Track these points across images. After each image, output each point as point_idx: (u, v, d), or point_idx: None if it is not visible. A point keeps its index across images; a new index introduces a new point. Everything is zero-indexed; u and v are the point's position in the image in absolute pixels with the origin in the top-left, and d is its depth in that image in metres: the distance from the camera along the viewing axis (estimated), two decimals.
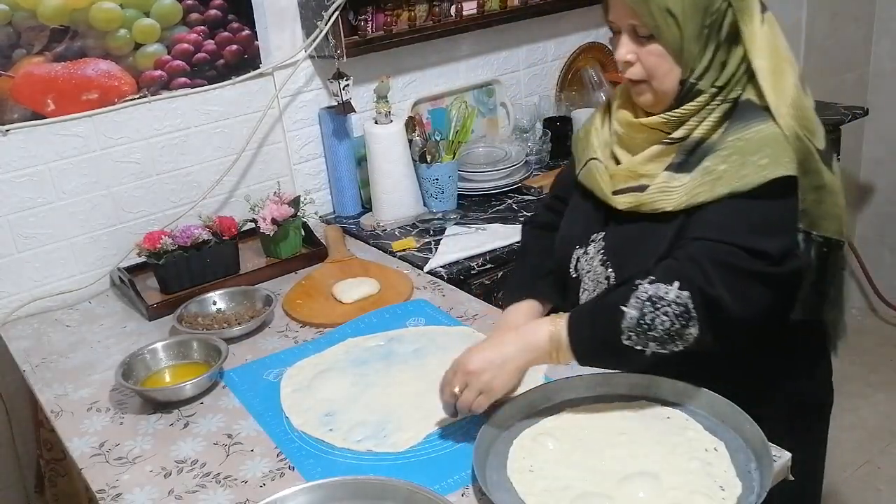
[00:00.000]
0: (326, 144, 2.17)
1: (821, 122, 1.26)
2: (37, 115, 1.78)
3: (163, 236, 1.79)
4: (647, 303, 1.16)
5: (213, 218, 1.88)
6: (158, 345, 1.53)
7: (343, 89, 2.05)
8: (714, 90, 1.22)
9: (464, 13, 2.24)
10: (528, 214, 1.72)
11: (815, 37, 2.92)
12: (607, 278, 1.32)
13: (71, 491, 1.78)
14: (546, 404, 1.27)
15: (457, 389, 1.21)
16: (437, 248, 1.94)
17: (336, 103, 2.09)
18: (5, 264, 1.81)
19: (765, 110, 1.21)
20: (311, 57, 2.10)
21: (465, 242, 1.94)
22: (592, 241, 1.36)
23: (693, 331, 1.15)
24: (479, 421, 1.22)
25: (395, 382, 1.40)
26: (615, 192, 1.30)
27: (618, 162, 1.33)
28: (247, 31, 2.00)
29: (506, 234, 1.96)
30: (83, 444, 1.34)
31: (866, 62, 3.18)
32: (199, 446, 1.31)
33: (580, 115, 2.50)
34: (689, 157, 1.24)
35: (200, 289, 1.78)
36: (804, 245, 1.23)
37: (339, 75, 2.05)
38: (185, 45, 1.92)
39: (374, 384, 1.40)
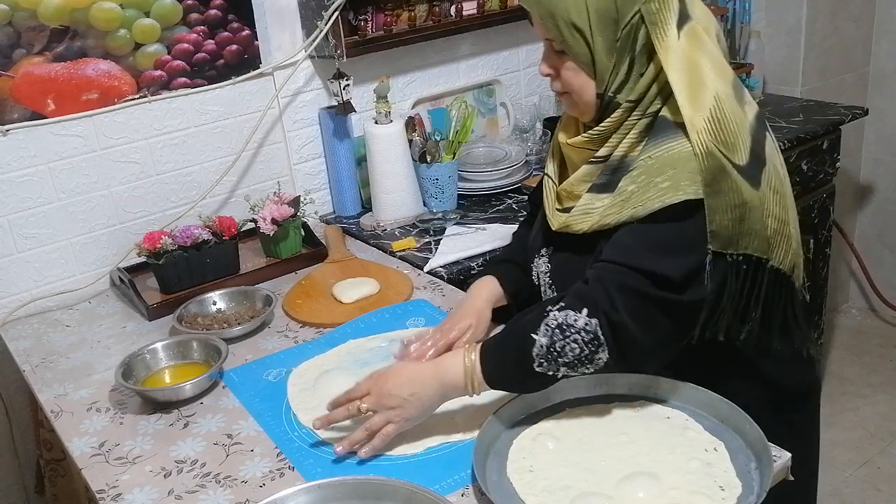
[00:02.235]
0: (326, 144, 2.18)
1: (755, 135, 1.20)
2: (37, 115, 1.78)
3: (163, 236, 1.79)
4: (557, 330, 1.15)
5: (213, 218, 1.88)
6: (158, 345, 1.53)
7: (343, 89, 2.05)
8: (629, 104, 1.20)
9: (464, 13, 2.24)
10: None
11: (815, 37, 2.92)
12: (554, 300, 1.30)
13: (71, 491, 1.78)
14: (546, 404, 1.27)
15: (364, 407, 1.21)
16: (437, 248, 1.94)
17: (336, 103, 2.09)
18: (5, 264, 1.81)
19: (679, 126, 1.16)
20: (311, 57, 2.10)
21: (465, 242, 1.94)
22: (542, 255, 1.39)
23: (603, 356, 1.15)
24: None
25: None
26: (558, 210, 1.33)
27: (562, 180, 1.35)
28: (247, 31, 2.00)
29: (506, 235, 1.96)
30: (83, 444, 1.34)
31: (866, 62, 3.18)
32: (198, 446, 1.31)
33: None
34: (612, 176, 1.22)
35: (200, 289, 1.78)
36: (711, 267, 1.16)
37: (339, 75, 2.05)
38: (185, 45, 1.92)
39: None
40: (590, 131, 1.24)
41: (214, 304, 1.72)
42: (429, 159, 2.11)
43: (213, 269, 1.83)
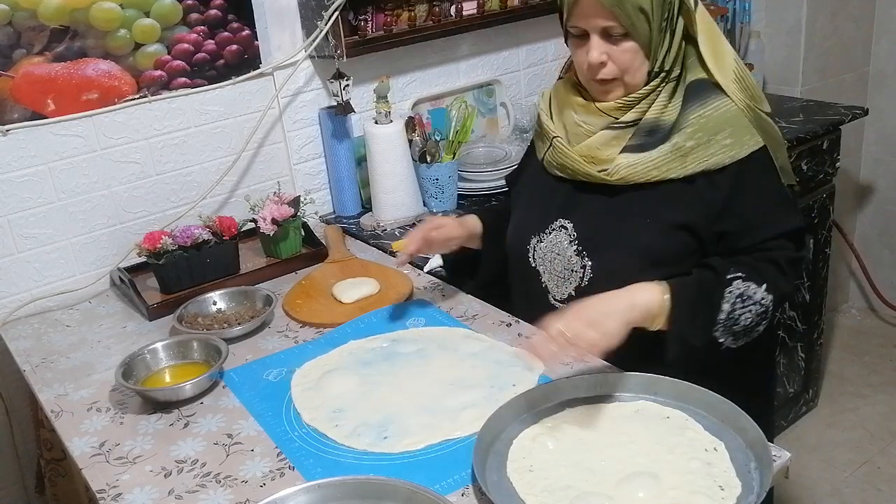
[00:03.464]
0: (326, 144, 2.18)
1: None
2: (37, 115, 1.78)
3: (163, 236, 1.79)
4: (738, 300, 1.27)
5: (213, 218, 1.89)
6: (158, 345, 1.54)
7: (343, 89, 2.05)
8: (663, 74, 1.34)
9: (464, 13, 2.24)
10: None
11: (815, 37, 2.91)
12: (583, 267, 1.39)
13: (71, 491, 1.78)
14: (546, 404, 1.27)
15: (570, 336, 1.21)
16: None
17: (336, 103, 2.09)
18: (5, 264, 1.81)
19: (715, 87, 1.34)
20: (311, 57, 2.10)
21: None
22: (553, 229, 1.43)
23: (761, 329, 1.29)
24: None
25: (399, 383, 1.40)
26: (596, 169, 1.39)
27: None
28: (247, 31, 2.00)
29: None
30: (83, 444, 1.34)
31: (866, 62, 3.17)
32: (199, 446, 1.31)
33: None
34: (647, 137, 1.34)
35: (200, 289, 1.78)
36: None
37: (338, 75, 2.05)
38: (186, 45, 1.92)
39: (381, 384, 1.40)
40: (626, 98, 1.35)
41: (214, 304, 1.73)
42: (429, 159, 2.11)
43: (213, 269, 1.83)
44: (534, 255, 1.46)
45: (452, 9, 2.21)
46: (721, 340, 1.28)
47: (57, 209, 1.84)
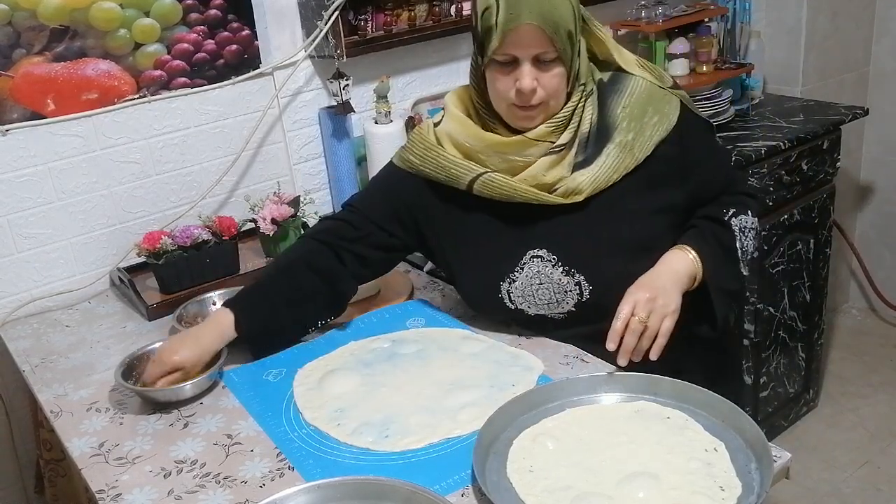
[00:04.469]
0: (326, 144, 2.17)
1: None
2: (37, 115, 1.78)
3: (162, 236, 1.79)
4: (740, 233, 1.42)
5: (212, 218, 1.88)
6: (158, 345, 1.53)
7: (343, 89, 2.05)
8: (581, 87, 1.39)
9: (464, 13, 2.24)
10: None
11: (815, 37, 2.91)
12: (577, 284, 1.41)
13: (70, 491, 1.78)
14: (546, 404, 1.27)
15: (643, 315, 1.28)
16: None
17: (336, 103, 2.09)
18: (5, 264, 1.81)
19: (620, 74, 1.43)
20: (310, 57, 2.10)
21: None
22: (524, 263, 1.43)
23: (756, 252, 1.45)
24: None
25: (401, 383, 1.40)
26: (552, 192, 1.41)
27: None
28: (247, 31, 2.00)
29: None
30: (83, 445, 1.34)
31: (866, 62, 3.17)
32: (198, 446, 1.31)
33: None
34: (589, 149, 1.39)
35: (200, 289, 1.78)
36: None
37: (338, 75, 2.05)
38: (185, 45, 1.92)
39: (382, 384, 1.40)
40: (552, 120, 1.37)
41: (214, 304, 1.72)
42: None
43: (212, 269, 1.83)
44: (510, 298, 1.45)
45: (452, 9, 2.21)
46: (744, 273, 1.43)
47: (57, 209, 1.84)
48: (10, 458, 1.95)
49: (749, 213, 1.46)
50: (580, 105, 1.39)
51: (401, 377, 1.42)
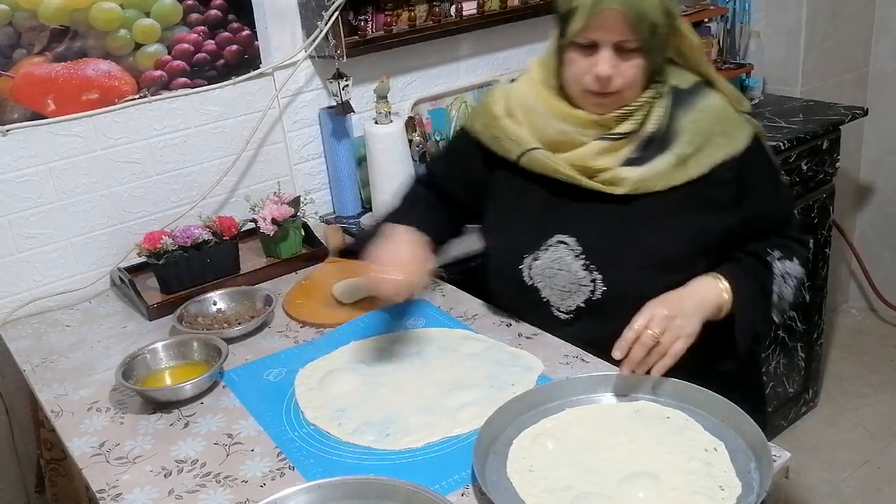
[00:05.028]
0: (326, 144, 2.18)
1: None
2: (37, 115, 1.78)
3: (163, 236, 1.79)
4: (781, 278, 1.37)
5: (213, 218, 1.89)
6: (158, 345, 1.54)
7: (342, 89, 2.05)
8: (657, 84, 1.36)
9: (464, 13, 2.24)
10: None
11: (815, 37, 2.91)
12: (593, 281, 1.38)
13: (71, 491, 1.78)
14: (546, 404, 1.27)
15: (657, 331, 1.25)
16: None
17: (336, 103, 2.09)
18: (5, 264, 1.81)
19: (700, 88, 1.39)
20: (311, 57, 2.10)
21: (465, 242, 1.94)
22: (550, 245, 1.41)
23: (794, 301, 1.40)
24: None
25: (401, 383, 1.41)
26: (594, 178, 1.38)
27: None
28: (247, 31, 2.00)
29: None
30: (83, 444, 1.34)
31: (866, 62, 3.18)
32: (199, 446, 1.31)
33: None
34: (646, 150, 1.36)
35: (200, 289, 1.78)
36: None
37: (338, 75, 2.05)
38: (186, 46, 1.92)
39: (382, 384, 1.41)
40: (625, 109, 1.35)
41: (215, 304, 1.73)
42: (429, 159, 2.11)
43: (213, 269, 1.83)
44: (529, 274, 1.44)
45: (452, 9, 2.21)
46: (775, 320, 1.39)
47: (57, 209, 1.84)
48: (11, 457, 1.95)
49: (796, 260, 1.42)
50: (652, 102, 1.36)
51: (401, 377, 1.42)
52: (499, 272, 1.51)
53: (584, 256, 1.38)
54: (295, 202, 1.93)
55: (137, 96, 1.89)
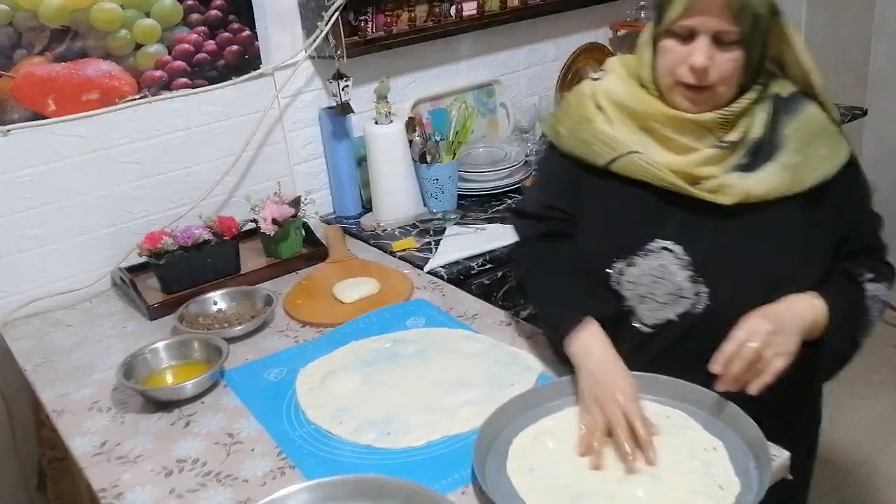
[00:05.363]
0: (327, 145, 2.18)
1: None
2: (37, 116, 1.78)
3: (163, 236, 1.79)
4: (871, 301, 1.30)
5: (213, 218, 1.89)
6: (159, 344, 1.54)
7: (342, 90, 2.06)
8: (759, 87, 1.27)
9: (464, 13, 2.24)
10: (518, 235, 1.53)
11: (815, 37, 2.92)
12: (697, 294, 1.27)
13: (72, 490, 1.78)
14: (546, 403, 1.27)
15: (759, 345, 1.16)
16: (437, 248, 1.94)
17: (336, 104, 2.09)
18: (6, 264, 1.82)
19: (800, 97, 1.29)
20: (311, 57, 2.11)
21: (465, 242, 1.94)
22: (651, 251, 1.30)
23: (874, 323, 1.31)
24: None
25: (402, 383, 1.41)
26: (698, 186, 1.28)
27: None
28: (247, 32, 2.00)
29: (506, 235, 1.96)
30: (85, 444, 1.34)
31: (866, 62, 3.18)
32: (200, 445, 1.31)
33: None
34: (752, 157, 1.26)
35: (201, 289, 1.78)
36: None
37: (338, 76, 2.05)
38: (186, 46, 1.92)
39: (383, 384, 1.41)
40: (723, 110, 1.25)
41: (215, 303, 1.73)
42: (429, 159, 2.11)
43: (213, 269, 1.83)
44: (618, 281, 1.32)
45: (452, 9, 2.22)
46: (859, 342, 1.31)
47: (57, 209, 1.84)
48: (13, 457, 1.95)
49: (885, 283, 1.33)
50: (755, 105, 1.27)
51: (402, 377, 1.43)
52: (588, 267, 1.37)
53: (692, 267, 1.27)
54: (295, 202, 1.93)
55: (138, 96, 1.89)
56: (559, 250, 1.41)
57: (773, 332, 1.17)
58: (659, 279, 1.29)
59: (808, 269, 1.28)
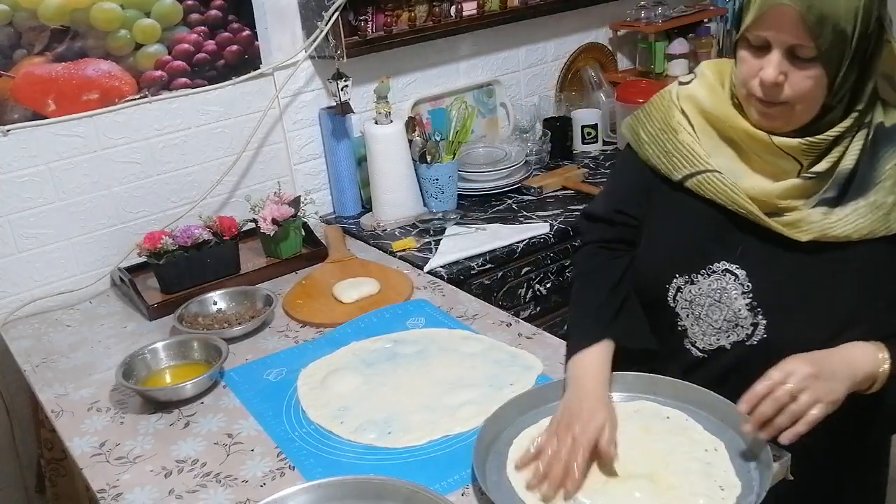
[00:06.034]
0: (326, 145, 2.18)
1: None
2: (37, 116, 1.78)
3: (163, 236, 1.79)
4: None
5: (213, 218, 1.89)
6: (159, 344, 1.54)
7: (341, 90, 2.06)
8: (856, 114, 1.14)
9: (464, 13, 2.24)
10: (582, 237, 1.47)
11: None
12: (754, 325, 1.20)
13: (71, 490, 1.79)
14: (546, 404, 1.27)
15: (794, 388, 1.06)
16: (437, 248, 1.94)
17: (336, 103, 2.09)
18: (6, 264, 1.81)
19: None
20: (311, 57, 2.11)
21: (465, 242, 1.94)
22: (714, 272, 1.23)
23: None
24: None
25: (402, 383, 1.41)
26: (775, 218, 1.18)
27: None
28: (247, 32, 2.00)
29: (506, 235, 1.97)
30: (84, 444, 1.34)
31: None
32: (199, 446, 1.31)
33: (580, 116, 2.50)
34: (839, 190, 1.15)
35: (201, 289, 1.78)
36: None
37: (337, 76, 2.05)
38: (186, 46, 1.92)
39: (384, 384, 1.41)
40: (810, 138, 1.14)
41: (215, 303, 1.73)
42: (429, 159, 2.11)
43: (213, 269, 1.83)
44: (675, 297, 1.26)
45: (452, 9, 2.22)
46: None
47: (57, 209, 1.84)
48: (11, 457, 1.95)
49: None
50: (851, 136, 1.15)
51: (402, 377, 1.42)
52: (641, 288, 1.33)
53: (751, 295, 1.20)
54: (295, 202, 1.93)
55: (138, 96, 1.89)
56: (615, 261, 1.35)
57: (812, 375, 1.07)
58: (717, 302, 1.23)
59: (883, 317, 1.16)
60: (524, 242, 1.95)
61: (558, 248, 2.00)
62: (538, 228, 2.00)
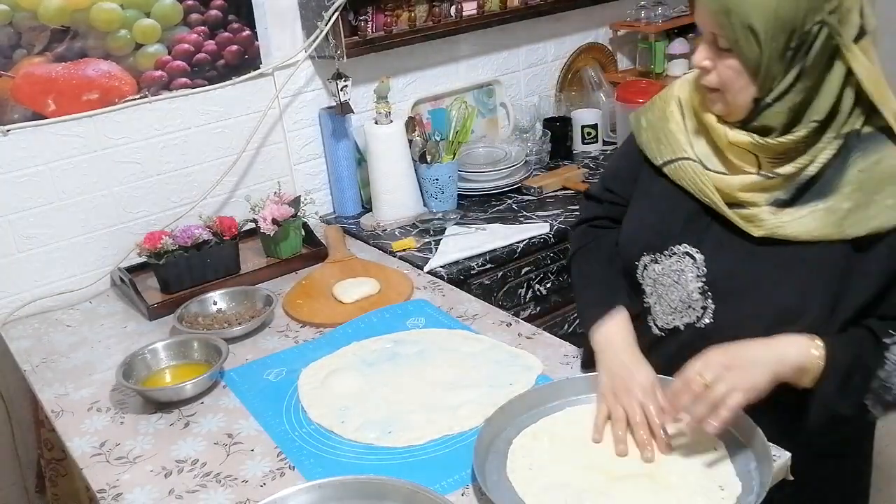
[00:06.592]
0: (326, 145, 2.18)
1: None
2: (37, 116, 1.78)
3: (163, 236, 1.79)
4: (893, 365, 1.14)
5: (213, 218, 1.89)
6: (159, 344, 1.54)
7: (341, 90, 2.06)
8: (816, 124, 1.15)
9: (464, 13, 2.24)
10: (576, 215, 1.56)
11: None
12: (704, 308, 1.24)
13: (72, 490, 1.79)
14: (546, 404, 1.27)
15: (708, 378, 1.11)
16: (437, 248, 1.94)
17: (336, 103, 2.09)
18: (6, 264, 1.81)
19: (879, 135, 1.16)
20: (311, 57, 2.11)
21: (465, 242, 1.94)
22: (675, 253, 1.27)
23: None
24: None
25: (402, 383, 1.41)
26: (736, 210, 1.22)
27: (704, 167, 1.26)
28: (247, 32, 2.00)
29: (506, 235, 1.97)
30: (84, 444, 1.34)
31: None
32: (199, 446, 1.31)
33: (580, 116, 2.50)
34: (798, 191, 1.18)
35: (201, 289, 1.78)
36: None
37: (337, 76, 2.05)
38: (186, 46, 1.92)
39: (384, 384, 1.41)
40: (765, 141, 1.17)
41: (215, 303, 1.73)
42: (429, 159, 2.11)
43: (213, 269, 1.83)
44: (643, 273, 1.31)
45: (452, 9, 2.22)
46: (869, 408, 1.17)
47: (57, 209, 1.84)
48: (11, 457, 1.95)
49: None
50: (819, 145, 1.16)
51: (402, 377, 1.43)
52: (623, 255, 1.37)
53: (704, 279, 1.24)
54: (295, 202, 1.93)
55: (138, 96, 1.89)
56: (606, 237, 1.42)
57: (727, 366, 1.12)
58: (675, 283, 1.27)
59: (825, 315, 1.18)
60: (524, 242, 1.95)
61: (558, 248, 2.00)
62: (538, 228, 2.00)
